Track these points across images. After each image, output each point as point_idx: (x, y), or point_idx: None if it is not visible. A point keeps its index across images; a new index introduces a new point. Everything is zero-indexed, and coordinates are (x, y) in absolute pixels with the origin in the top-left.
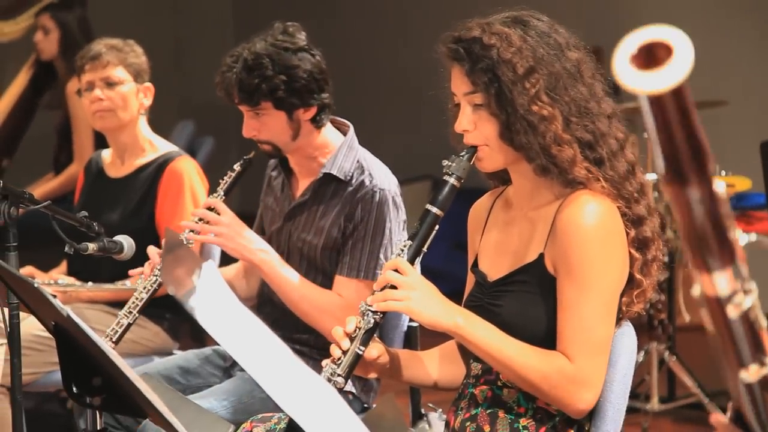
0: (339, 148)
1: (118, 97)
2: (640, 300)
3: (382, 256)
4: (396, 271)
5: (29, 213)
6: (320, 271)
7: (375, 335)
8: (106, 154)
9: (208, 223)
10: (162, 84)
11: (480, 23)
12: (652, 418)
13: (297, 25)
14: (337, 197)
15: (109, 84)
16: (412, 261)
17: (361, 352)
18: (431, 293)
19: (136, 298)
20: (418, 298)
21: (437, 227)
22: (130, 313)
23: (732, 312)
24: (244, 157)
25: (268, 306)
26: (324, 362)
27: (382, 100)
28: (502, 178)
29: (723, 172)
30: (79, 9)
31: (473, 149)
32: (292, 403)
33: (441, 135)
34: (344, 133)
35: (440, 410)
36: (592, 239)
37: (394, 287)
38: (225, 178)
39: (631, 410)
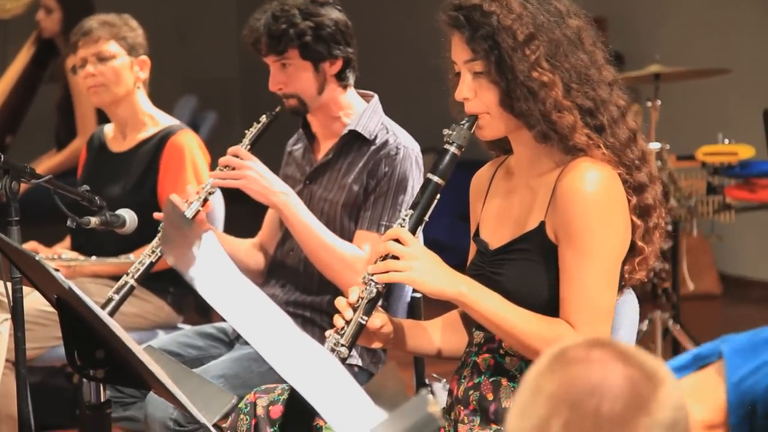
0: (364, 110)
1: (110, 72)
2: (642, 267)
3: (403, 212)
4: (397, 241)
5: (32, 188)
6: (339, 229)
7: (378, 305)
8: (109, 129)
9: (233, 170)
10: (165, 59)
11: None
12: None
13: None
14: (360, 155)
15: (101, 59)
16: (413, 231)
17: (364, 322)
18: (434, 262)
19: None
20: (421, 268)
21: (438, 196)
22: (153, 252)
23: None
24: (271, 112)
25: (279, 269)
26: (327, 332)
27: (384, 73)
28: (503, 147)
29: (726, 140)
30: None
31: (474, 117)
32: (295, 374)
33: (445, 107)
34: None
35: (444, 380)
36: (592, 206)
37: (396, 257)
38: (251, 129)
39: None
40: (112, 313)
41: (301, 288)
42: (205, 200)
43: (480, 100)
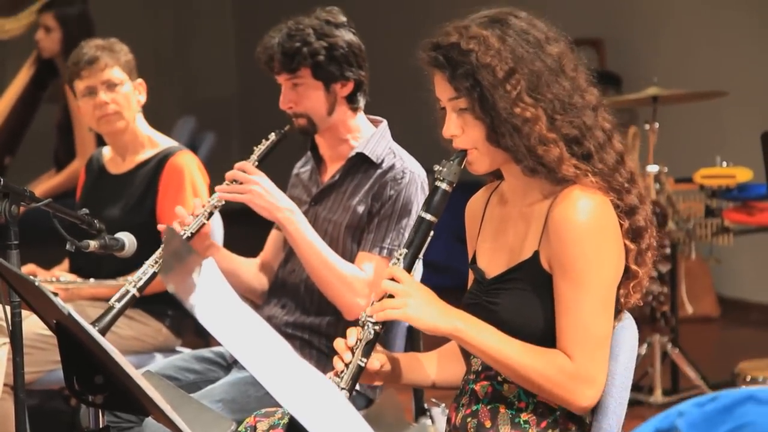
0: (372, 135)
1: (122, 98)
2: (636, 290)
3: (406, 236)
4: (393, 280)
5: (30, 210)
6: (342, 250)
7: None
8: (107, 151)
9: (241, 184)
10: (163, 80)
11: (457, 27)
12: (655, 410)
13: (337, 8)
14: (366, 177)
15: (110, 86)
16: (408, 269)
17: (363, 364)
18: (428, 299)
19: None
20: (415, 305)
21: (432, 233)
22: (156, 262)
23: None
24: (280, 130)
25: (280, 289)
26: (327, 375)
27: (394, 99)
28: (495, 173)
29: (725, 163)
30: (80, 5)
31: (463, 153)
32: (293, 400)
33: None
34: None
35: (443, 405)
36: (585, 236)
37: (392, 296)
38: (259, 145)
39: (634, 403)
40: (112, 322)
41: (301, 309)
42: (211, 213)
43: (467, 136)
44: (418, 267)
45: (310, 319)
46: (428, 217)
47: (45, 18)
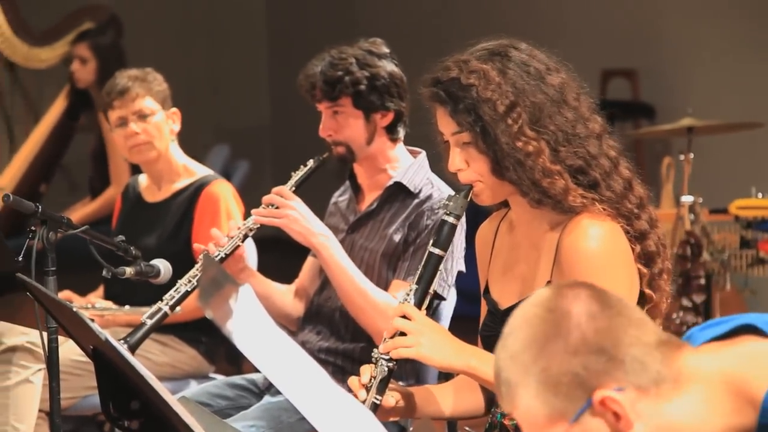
0: (410, 165)
1: (153, 128)
2: (654, 315)
3: (441, 266)
4: (404, 317)
5: (67, 237)
6: (377, 278)
7: (389, 383)
8: (143, 179)
9: (277, 209)
10: (198, 108)
11: (457, 61)
12: None
13: (381, 39)
14: (404, 207)
15: (142, 116)
16: (419, 305)
17: (378, 402)
18: (441, 337)
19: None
20: (428, 344)
21: (443, 267)
22: (189, 281)
23: None
24: (318, 156)
25: (315, 316)
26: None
27: (423, 125)
28: (504, 200)
29: (760, 194)
30: (114, 36)
31: (469, 186)
32: (330, 427)
33: None
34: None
35: None
36: (597, 264)
37: (404, 334)
38: (297, 171)
39: None
40: (143, 338)
41: (336, 335)
42: (246, 236)
43: (472, 170)
44: (451, 295)
45: (343, 346)
46: (436, 251)
47: (79, 49)
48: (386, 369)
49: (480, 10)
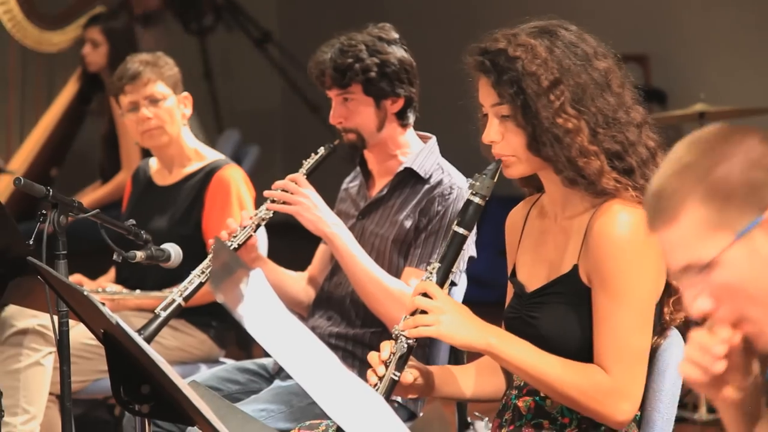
0: (421, 150)
1: (164, 113)
2: (679, 307)
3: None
4: (425, 294)
5: (77, 221)
6: (388, 264)
7: (409, 359)
8: (154, 163)
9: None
10: (208, 93)
11: (506, 34)
12: (700, 427)
13: (390, 25)
14: (414, 192)
15: (153, 101)
16: (441, 284)
17: (396, 378)
18: (461, 315)
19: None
20: (449, 322)
21: (465, 247)
22: (203, 272)
23: None
24: (329, 144)
25: (326, 302)
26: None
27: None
28: (535, 185)
29: None
30: (126, 20)
31: (496, 166)
32: (340, 411)
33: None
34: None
35: (486, 419)
36: (625, 250)
37: (424, 312)
38: (308, 159)
39: (679, 420)
40: (158, 330)
41: (347, 321)
42: (258, 225)
43: (507, 143)
44: (462, 280)
45: (353, 331)
46: (461, 231)
47: (91, 32)
48: (405, 346)
49: None
